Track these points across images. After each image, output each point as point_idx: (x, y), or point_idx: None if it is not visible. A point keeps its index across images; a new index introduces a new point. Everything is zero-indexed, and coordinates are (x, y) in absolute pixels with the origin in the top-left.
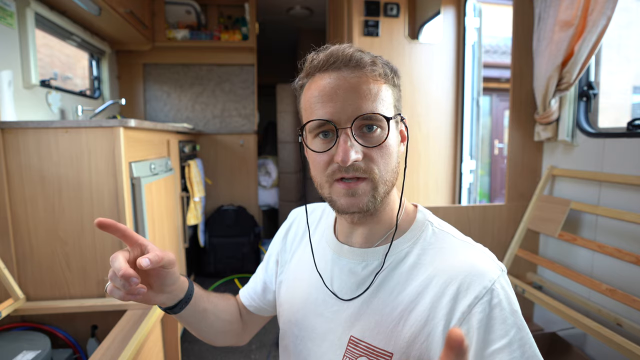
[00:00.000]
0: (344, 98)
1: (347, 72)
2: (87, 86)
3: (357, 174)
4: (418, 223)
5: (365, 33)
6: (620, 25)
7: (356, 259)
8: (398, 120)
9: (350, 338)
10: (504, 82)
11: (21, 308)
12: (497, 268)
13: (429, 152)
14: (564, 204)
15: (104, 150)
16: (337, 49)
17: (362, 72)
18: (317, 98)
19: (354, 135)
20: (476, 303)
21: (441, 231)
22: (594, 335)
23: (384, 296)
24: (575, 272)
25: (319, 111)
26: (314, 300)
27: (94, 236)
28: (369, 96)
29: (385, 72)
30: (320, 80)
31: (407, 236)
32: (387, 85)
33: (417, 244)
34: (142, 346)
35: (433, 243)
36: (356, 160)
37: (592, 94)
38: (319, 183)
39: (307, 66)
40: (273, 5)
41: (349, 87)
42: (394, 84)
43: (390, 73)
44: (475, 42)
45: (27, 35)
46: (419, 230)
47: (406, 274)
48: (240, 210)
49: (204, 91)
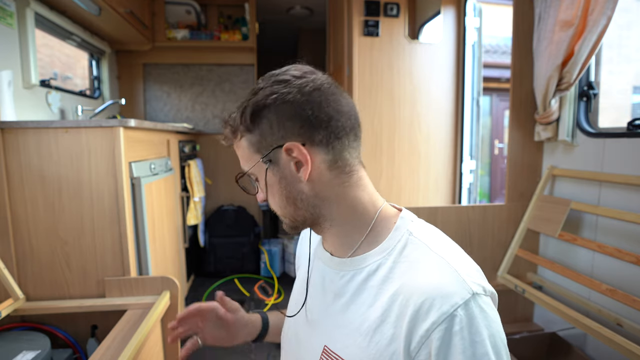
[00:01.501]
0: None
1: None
2: (87, 86)
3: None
4: (396, 232)
5: (365, 33)
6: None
7: (334, 267)
8: (271, 157)
9: (324, 348)
10: (504, 82)
11: (21, 308)
12: (466, 291)
13: (429, 152)
14: (564, 204)
15: (104, 150)
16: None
17: (231, 137)
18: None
19: (244, 189)
20: (434, 329)
21: (419, 242)
22: (594, 335)
23: (356, 308)
24: (576, 272)
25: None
26: (300, 306)
27: (94, 236)
28: (240, 156)
29: (236, 125)
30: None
31: (383, 246)
32: (244, 136)
33: (391, 255)
34: (142, 346)
35: (407, 255)
36: (263, 201)
37: (592, 93)
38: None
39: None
40: (273, 5)
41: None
42: (247, 130)
43: (242, 121)
44: (475, 42)
45: (27, 35)
46: (395, 240)
47: (377, 287)
48: (240, 210)
49: (204, 91)
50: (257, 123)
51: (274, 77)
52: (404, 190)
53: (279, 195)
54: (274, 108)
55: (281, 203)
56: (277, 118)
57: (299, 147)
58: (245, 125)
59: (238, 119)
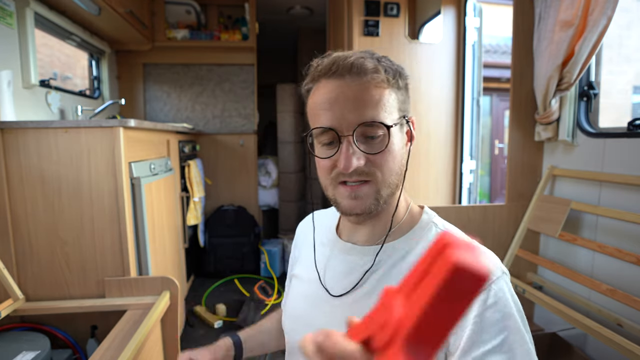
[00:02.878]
0: (345, 106)
1: (349, 79)
2: (86, 86)
3: (361, 177)
4: (422, 223)
5: (365, 33)
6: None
7: (358, 255)
8: (403, 122)
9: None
10: (504, 82)
11: (21, 308)
12: (498, 269)
13: (429, 152)
14: (564, 204)
15: (104, 150)
16: (338, 57)
17: (364, 79)
18: (320, 105)
19: (355, 143)
20: None
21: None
22: (595, 335)
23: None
24: (576, 272)
25: (322, 118)
26: (312, 296)
27: (94, 236)
28: (370, 103)
29: (388, 78)
30: (324, 88)
31: (409, 235)
32: (390, 89)
33: (420, 243)
34: (142, 346)
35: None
36: (358, 167)
37: (592, 93)
38: (323, 185)
39: (312, 72)
40: (273, 5)
41: (350, 95)
42: (398, 87)
43: (394, 77)
44: (475, 42)
45: (27, 35)
46: (422, 230)
47: (406, 270)
48: (240, 210)
49: (204, 91)
50: (405, 87)
51: (391, 62)
52: (404, 190)
53: (399, 158)
54: (408, 85)
55: (396, 166)
56: (408, 93)
57: (413, 125)
58: (397, 81)
59: (394, 72)
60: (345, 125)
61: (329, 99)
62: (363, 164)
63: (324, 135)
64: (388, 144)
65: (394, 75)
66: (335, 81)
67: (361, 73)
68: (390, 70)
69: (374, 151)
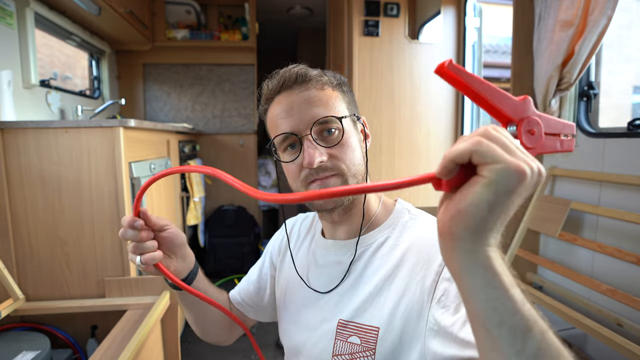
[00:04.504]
0: (300, 110)
1: (298, 88)
2: (87, 86)
3: (327, 173)
4: (396, 212)
5: (365, 33)
6: (620, 25)
7: (341, 250)
8: (354, 120)
9: (339, 321)
10: (504, 82)
11: (21, 308)
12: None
13: (429, 152)
14: (564, 204)
15: (104, 151)
16: (284, 72)
17: (310, 84)
18: (277, 116)
19: (315, 140)
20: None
21: (419, 216)
22: (595, 335)
23: (367, 278)
24: (576, 272)
25: (281, 126)
26: (303, 297)
27: (93, 236)
28: (319, 103)
29: (331, 80)
30: (277, 103)
31: (386, 224)
32: (335, 91)
33: (396, 228)
34: (142, 346)
35: (411, 226)
36: (322, 162)
37: (592, 93)
38: (296, 190)
39: (264, 93)
40: (273, 5)
41: (301, 100)
42: (342, 90)
43: (336, 81)
44: (475, 42)
45: (27, 35)
46: (397, 218)
47: (386, 255)
48: (240, 210)
49: (204, 91)
50: (347, 91)
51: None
52: (404, 190)
53: (358, 151)
54: (351, 90)
55: (357, 158)
56: (353, 97)
57: (366, 124)
58: (341, 85)
59: (336, 79)
60: (303, 126)
61: (284, 109)
62: (326, 159)
63: (286, 141)
64: (344, 136)
65: (337, 80)
66: (285, 94)
67: (306, 80)
68: (332, 76)
69: (332, 144)
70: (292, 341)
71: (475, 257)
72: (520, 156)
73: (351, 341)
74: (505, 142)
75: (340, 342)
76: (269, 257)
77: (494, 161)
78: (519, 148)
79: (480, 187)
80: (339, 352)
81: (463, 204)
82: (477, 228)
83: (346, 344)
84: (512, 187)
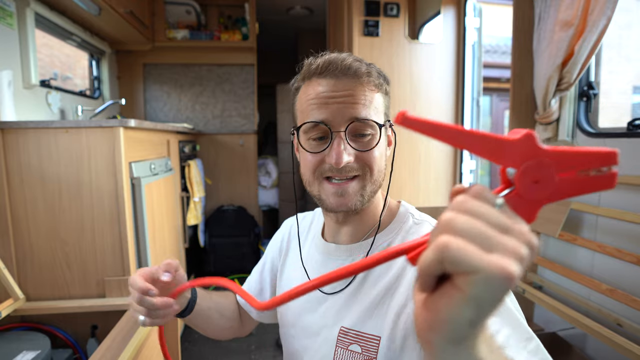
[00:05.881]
0: (340, 103)
1: (344, 79)
2: (87, 86)
3: (349, 174)
4: (400, 216)
5: (365, 33)
6: (620, 26)
7: (343, 255)
8: (387, 126)
9: (341, 329)
10: (504, 82)
11: (21, 308)
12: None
13: (429, 152)
14: (564, 204)
15: (104, 150)
16: (336, 57)
17: (359, 81)
18: (313, 101)
19: (347, 139)
20: None
21: (422, 221)
22: (594, 335)
23: (369, 285)
24: (576, 272)
25: (314, 113)
26: (306, 301)
27: (94, 236)
28: (364, 103)
29: (379, 82)
30: (317, 85)
31: (390, 228)
32: (380, 93)
33: (399, 234)
34: (142, 346)
35: (414, 233)
36: (348, 163)
37: (592, 93)
38: (308, 181)
39: (304, 70)
40: (273, 5)
41: (345, 93)
42: (385, 92)
43: (383, 82)
44: (475, 42)
45: (27, 35)
46: (401, 222)
47: (389, 263)
48: (240, 210)
49: (204, 91)
50: (388, 94)
51: (379, 69)
52: (404, 190)
53: (384, 158)
54: (389, 91)
55: (381, 163)
56: (389, 99)
57: (394, 130)
58: (384, 87)
59: (382, 78)
60: (339, 120)
61: (322, 96)
62: (352, 160)
63: (314, 130)
64: (378, 143)
65: (384, 80)
66: (329, 80)
67: (356, 75)
68: (380, 75)
69: (364, 149)
70: (293, 346)
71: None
72: (505, 247)
73: (352, 349)
74: (480, 231)
75: (341, 349)
76: (269, 261)
77: (470, 270)
78: (503, 227)
79: (459, 304)
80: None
81: (442, 316)
82: (460, 339)
83: (347, 352)
84: (499, 297)
